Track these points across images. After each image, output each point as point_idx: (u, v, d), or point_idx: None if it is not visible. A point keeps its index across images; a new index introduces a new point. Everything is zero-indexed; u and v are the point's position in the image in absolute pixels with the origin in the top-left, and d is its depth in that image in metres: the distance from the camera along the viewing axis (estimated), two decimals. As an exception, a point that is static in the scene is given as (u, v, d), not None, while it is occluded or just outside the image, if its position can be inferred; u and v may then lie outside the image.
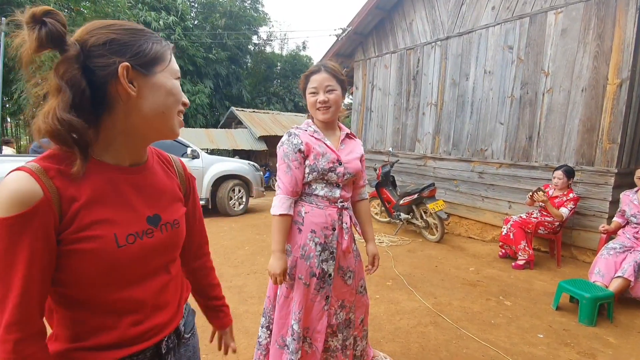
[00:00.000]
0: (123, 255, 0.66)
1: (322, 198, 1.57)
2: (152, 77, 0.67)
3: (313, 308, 1.60)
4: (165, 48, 0.70)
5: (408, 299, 3.00)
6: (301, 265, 1.56)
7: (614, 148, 3.58)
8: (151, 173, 0.76)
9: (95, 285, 0.65)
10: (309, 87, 1.56)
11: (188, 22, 14.72)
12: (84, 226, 0.62)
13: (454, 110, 5.16)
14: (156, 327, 0.75)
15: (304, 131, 1.59)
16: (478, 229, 4.96)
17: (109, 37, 0.63)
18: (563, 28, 3.91)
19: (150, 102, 0.67)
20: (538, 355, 2.22)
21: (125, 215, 0.68)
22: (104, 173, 0.67)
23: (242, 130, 12.03)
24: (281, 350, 1.62)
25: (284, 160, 1.54)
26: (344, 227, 1.61)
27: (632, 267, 2.77)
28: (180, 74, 0.77)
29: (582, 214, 3.83)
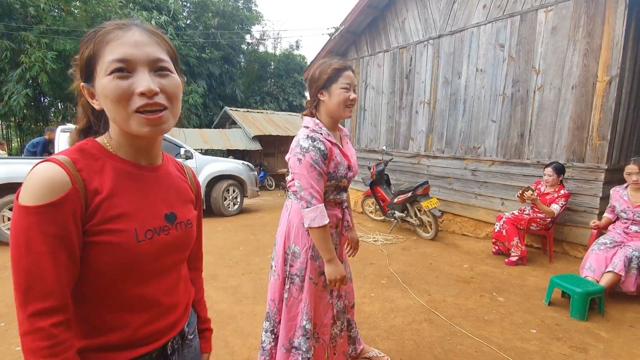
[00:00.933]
0: (141, 251, 0.67)
1: (331, 201, 1.62)
2: (95, 86, 0.65)
3: (320, 304, 1.65)
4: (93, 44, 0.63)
5: (403, 296, 3.02)
6: (311, 265, 1.59)
7: (603, 145, 3.63)
8: (167, 173, 0.78)
9: (112, 280, 0.65)
10: (341, 82, 1.48)
11: (180, 22, 14.60)
12: (107, 219, 0.63)
13: (446, 109, 5.19)
14: (165, 327, 0.75)
15: (320, 134, 1.52)
16: (472, 226, 4.99)
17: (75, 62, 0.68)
18: (553, 26, 3.95)
19: (105, 109, 0.66)
20: (531, 350, 2.24)
21: (144, 210, 0.69)
22: (125, 169, 0.69)
23: (236, 130, 11.98)
24: (288, 354, 1.63)
25: (314, 168, 1.45)
26: (344, 225, 1.69)
27: (622, 262, 2.81)
28: None
29: (573, 210, 3.87)
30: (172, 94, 0.67)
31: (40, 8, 9.59)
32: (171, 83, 0.67)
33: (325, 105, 1.54)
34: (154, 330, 0.73)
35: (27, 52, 9.28)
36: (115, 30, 0.63)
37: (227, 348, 2.25)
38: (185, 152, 5.85)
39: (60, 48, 9.44)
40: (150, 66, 0.64)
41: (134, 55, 0.62)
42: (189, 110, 14.61)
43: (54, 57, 9.19)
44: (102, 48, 0.63)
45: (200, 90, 14.91)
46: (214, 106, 16.66)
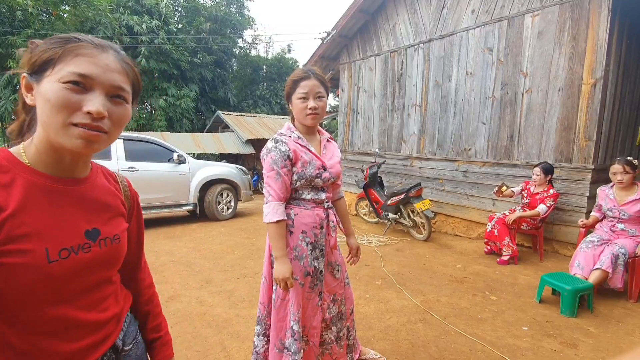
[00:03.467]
0: (53, 271, 0.62)
1: (309, 201, 1.64)
2: (40, 84, 0.61)
3: (308, 305, 1.66)
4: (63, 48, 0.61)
5: (397, 297, 3.05)
6: (295, 266, 1.61)
7: (590, 145, 3.72)
8: (92, 187, 0.73)
9: (24, 303, 0.61)
10: (298, 92, 1.55)
11: (172, 26, 14.55)
12: (13, 238, 0.58)
13: (437, 111, 5.26)
14: (91, 346, 0.70)
15: (288, 137, 1.60)
16: (464, 226, 5.06)
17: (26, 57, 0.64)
18: (539, 30, 4.05)
19: (38, 110, 0.62)
20: (522, 347, 2.29)
21: (60, 228, 0.64)
22: (39, 182, 0.64)
23: (229, 134, 11.96)
24: (280, 354, 1.65)
25: (272, 167, 1.54)
26: (330, 225, 1.70)
27: (609, 259, 2.88)
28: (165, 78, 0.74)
29: (562, 209, 3.96)
30: (117, 122, 0.66)
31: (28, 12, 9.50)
32: (121, 112, 0.67)
33: (294, 113, 1.62)
34: (77, 349, 0.68)
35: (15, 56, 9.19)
36: (92, 48, 0.63)
37: (224, 352, 2.25)
38: (179, 157, 5.83)
39: (50, 53, 9.34)
40: (108, 91, 0.64)
41: (99, 77, 0.62)
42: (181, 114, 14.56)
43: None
44: (68, 57, 0.61)
45: (193, 94, 14.87)
46: (207, 110, 16.61)
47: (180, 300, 2.99)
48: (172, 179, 5.76)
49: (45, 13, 10.01)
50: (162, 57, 13.83)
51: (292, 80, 1.57)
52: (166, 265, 3.88)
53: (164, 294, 3.11)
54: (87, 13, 10.00)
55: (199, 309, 2.84)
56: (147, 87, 14.00)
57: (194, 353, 2.24)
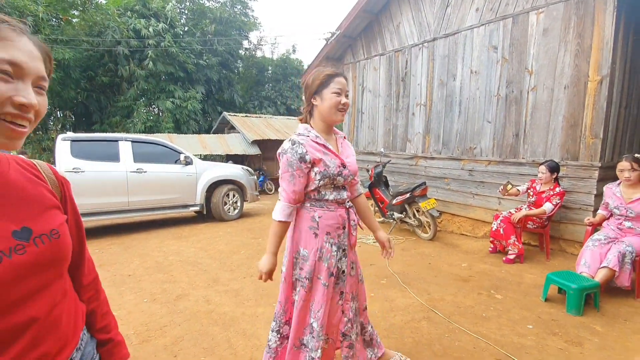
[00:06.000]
0: None
1: (332, 201, 1.65)
2: None
3: (331, 305, 1.69)
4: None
5: (402, 296, 3.07)
6: (319, 267, 1.63)
7: (596, 143, 3.69)
8: (7, 182, 0.63)
9: None
10: (333, 87, 1.55)
11: (178, 29, 14.71)
12: None
13: (442, 110, 5.26)
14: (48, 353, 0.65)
15: (306, 137, 1.59)
16: (470, 225, 5.05)
17: None
18: (545, 28, 4.03)
19: None
20: (527, 345, 2.29)
21: None
22: None
23: (235, 135, 12.05)
24: (298, 350, 1.68)
25: (287, 169, 1.54)
26: (352, 225, 1.72)
27: (616, 258, 2.86)
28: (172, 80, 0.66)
29: (568, 207, 3.94)
30: (39, 113, 0.62)
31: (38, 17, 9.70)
32: (44, 103, 0.63)
33: (318, 109, 1.61)
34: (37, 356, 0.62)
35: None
36: (8, 31, 0.57)
37: (231, 349, 2.30)
38: (185, 158, 5.91)
39: (60, 57, 9.54)
40: (34, 81, 0.60)
41: (28, 66, 0.58)
42: (188, 116, 14.71)
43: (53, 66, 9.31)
44: None
45: (199, 96, 15.02)
46: (213, 112, 16.76)
47: (188, 298, 3.05)
48: (179, 180, 5.84)
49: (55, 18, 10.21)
50: (168, 59, 13.99)
51: (327, 75, 1.56)
52: (174, 265, 3.95)
53: (172, 293, 3.17)
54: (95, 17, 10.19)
55: (206, 307, 2.89)
56: (154, 90, 14.17)
57: (201, 350, 2.28)
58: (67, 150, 4.95)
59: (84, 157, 4.95)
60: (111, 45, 12.30)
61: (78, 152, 4.98)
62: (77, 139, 5.15)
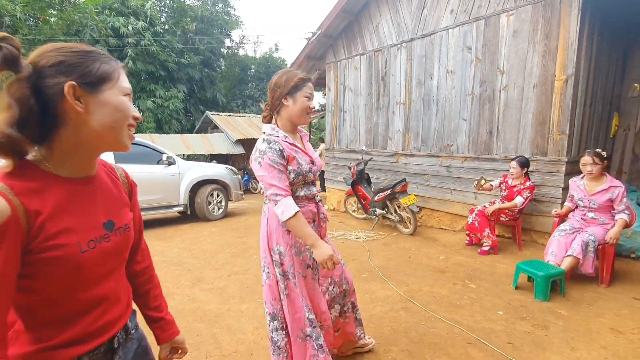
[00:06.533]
0: (86, 260, 0.73)
1: (303, 197, 1.72)
2: (99, 95, 0.71)
3: (315, 295, 1.78)
4: (114, 67, 0.75)
5: (382, 288, 3.19)
6: (297, 261, 1.71)
7: (563, 139, 3.91)
8: (101, 183, 0.83)
9: (64, 288, 0.73)
10: (305, 92, 1.63)
11: (158, 27, 14.47)
12: (50, 236, 0.68)
13: (421, 109, 5.42)
14: (110, 323, 0.83)
15: (276, 137, 1.64)
16: (448, 220, 5.23)
17: (57, 59, 0.68)
18: (514, 29, 4.21)
19: (98, 117, 0.72)
20: (497, 330, 2.45)
21: (84, 223, 0.75)
22: (62, 186, 0.73)
23: (219, 135, 11.99)
24: (304, 342, 1.74)
25: (273, 167, 1.57)
26: (321, 218, 1.81)
27: (580, 246, 3.06)
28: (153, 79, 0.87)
29: (539, 200, 4.15)
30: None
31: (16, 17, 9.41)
32: None
33: (288, 110, 1.65)
34: (101, 325, 0.80)
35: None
36: (121, 69, 0.79)
37: (216, 344, 2.36)
38: (168, 158, 5.88)
39: (36, 57, 9.28)
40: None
41: (131, 90, 0.81)
42: (170, 115, 14.52)
43: None
44: (117, 73, 0.76)
45: (181, 95, 14.84)
46: (195, 111, 16.58)
47: (173, 297, 3.08)
48: (161, 180, 5.81)
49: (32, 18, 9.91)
50: (148, 58, 13.77)
51: (301, 79, 1.62)
52: (158, 265, 3.96)
53: (157, 293, 3.19)
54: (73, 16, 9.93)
55: (191, 305, 2.94)
56: (134, 89, 13.89)
57: (187, 346, 2.33)
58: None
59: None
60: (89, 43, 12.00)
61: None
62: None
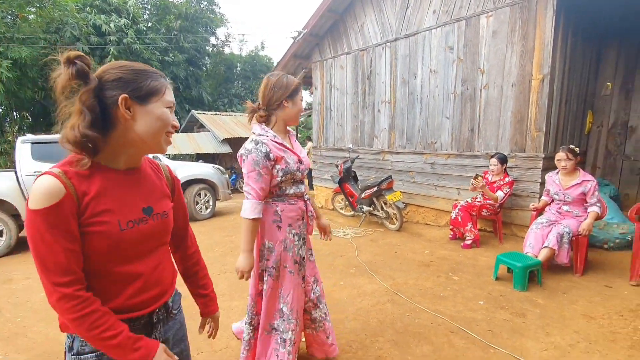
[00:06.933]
0: (125, 237, 0.87)
1: (292, 195, 1.79)
2: (145, 106, 0.87)
3: (296, 290, 1.85)
4: (162, 84, 0.90)
5: (369, 282, 3.28)
6: (285, 256, 1.79)
7: (540, 136, 4.07)
8: (144, 175, 0.98)
9: (105, 259, 0.86)
10: (300, 95, 1.78)
11: (141, 25, 14.21)
12: (95, 214, 0.83)
13: (405, 107, 5.53)
14: (150, 299, 0.95)
15: (266, 137, 1.69)
16: (433, 215, 5.37)
17: (118, 75, 0.85)
18: (494, 30, 4.36)
19: (142, 124, 0.87)
20: (478, 319, 2.57)
21: (125, 206, 0.89)
22: (106, 174, 0.88)
23: (205, 134, 11.90)
24: (269, 335, 1.82)
25: (254, 168, 1.63)
26: (309, 215, 1.89)
27: (555, 238, 3.21)
28: None
29: (518, 195, 4.31)
30: None
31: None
32: None
33: (286, 111, 1.73)
34: (140, 300, 0.93)
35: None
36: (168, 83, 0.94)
37: (207, 341, 2.40)
38: (153, 158, 5.83)
39: (16, 56, 9.07)
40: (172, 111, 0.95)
41: (174, 104, 0.95)
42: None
43: (9, 65, 8.82)
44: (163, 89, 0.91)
45: (166, 94, 14.62)
46: (181, 110, 16.38)
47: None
48: (148, 180, 5.76)
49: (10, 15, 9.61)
50: (132, 56, 13.52)
51: (299, 83, 1.77)
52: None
53: (146, 292, 3.20)
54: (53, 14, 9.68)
55: (180, 304, 2.96)
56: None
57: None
58: (27, 154, 4.78)
59: (46, 160, 4.80)
60: (70, 42, 11.74)
61: (39, 154, 4.82)
62: (38, 141, 4.98)
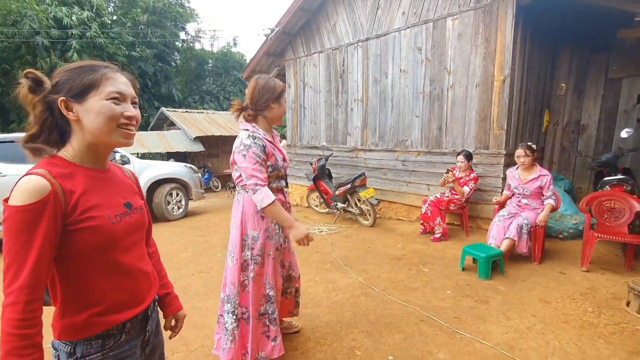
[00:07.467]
0: (116, 229, 0.90)
1: (275, 189, 1.95)
2: (84, 103, 0.85)
3: (277, 274, 2.02)
4: (96, 77, 0.86)
5: (344, 277, 3.37)
6: (269, 244, 1.93)
7: (502, 134, 4.32)
8: (115, 174, 1.01)
9: (101, 253, 0.88)
10: (285, 97, 1.94)
11: (105, 18, 13.60)
12: (86, 209, 0.86)
13: (377, 106, 5.67)
14: (143, 291, 1.00)
15: (259, 134, 1.86)
16: (405, 211, 5.55)
17: (56, 80, 0.86)
18: (459, 32, 4.56)
19: (87, 122, 0.86)
20: (445, 307, 2.71)
21: (109, 201, 0.93)
22: (86, 173, 0.90)
23: (176, 132, 11.58)
24: (259, 322, 1.94)
25: (256, 160, 1.78)
26: (287, 206, 2.08)
27: (515, 230, 3.44)
28: None
29: (482, 190, 4.55)
30: (138, 120, 0.96)
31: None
32: (139, 113, 0.97)
33: (272, 112, 1.90)
34: (137, 293, 0.97)
35: None
36: (111, 73, 0.89)
37: (182, 340, 2.39)
38: (121, 157, 5.65)
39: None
40: (131, 101, 0.93)
41: (125, 92, 0.91)
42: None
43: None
44: (102, 81, 0.87)
45: (133, 90, 14.08)
46: (150, 107, 15.84)
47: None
48: (116, 181, 5.57)
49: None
50: (95, 51, 12.91)
51: (285, 87, 1.93)
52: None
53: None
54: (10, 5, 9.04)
55: (154, 305, 2.92)
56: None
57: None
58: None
59: (4, 160, 4.54)
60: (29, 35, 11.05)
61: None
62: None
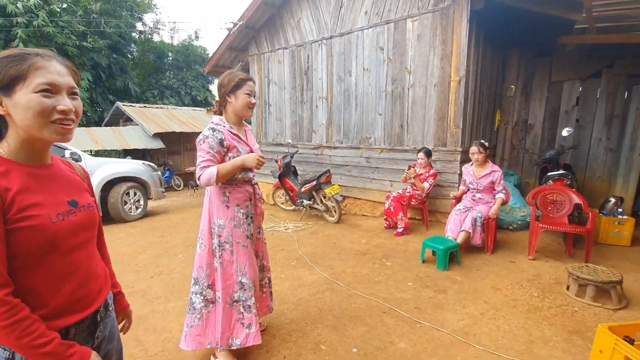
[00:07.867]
0: (57, 229, 0.85)
1: (240, 180, 1.98)
2: (13, 97, 0.78)
3: (251, 262, 2.03)
4: (23, 68, 0.78)
5: (310, 273, 3.40)
6: (236, 232, 1.96)
7: (458, 132, 4.54)
8: (59, 170, 0.95)
9: (41, 254, 0.83)
10: (246, 89, 1.90)
11: (54, 6, 12.54)
12: (23, 208, 0.80)
13: (342, 103, 5.74)
14: (90, 294, 0.94)
15: (223, 127, 1.90)
16: (369, 207, 5.69)
17: None
18: (418, 33, 4.72)
19: (17, 117, 0.80)
20: (407, 298, 2.83)
21: (50, 200, 0.87)
22: (23, 170, 0.84)
23: (133, 128, 10.98)
24: (231, 308, 1.97)
25: (209, 151, 1.82)
26: (257, 198, 2.12)
27: (470, 222, 3.64)
28: None
29: (441, 185, 4.77)
30: (78, 113, 0.88)
31: None
32: (79, 105, 0.88)
33: (232, 105, 1.93)
34: (82, 296, 0.91)
35: None
36: (42, 61, 0.81)
37: (140, 346, 2.30)
38: (72, 155, 5.29)
39: None
40: (68, 91, 0.84)
41: (59, 82, 0.82)
42: (72, 106, 12.80)
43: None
44: (31, 71, 0.79)
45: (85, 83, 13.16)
46: (104, 101, 14.89)
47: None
48: (66, 180, 5.20)
49: None
50: (43, 40, 11.90)
51: (241, 79, 1.89)
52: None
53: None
54: None
55: (110, 311, 2.77)
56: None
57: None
58: None
59: None
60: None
61: None
62: None
